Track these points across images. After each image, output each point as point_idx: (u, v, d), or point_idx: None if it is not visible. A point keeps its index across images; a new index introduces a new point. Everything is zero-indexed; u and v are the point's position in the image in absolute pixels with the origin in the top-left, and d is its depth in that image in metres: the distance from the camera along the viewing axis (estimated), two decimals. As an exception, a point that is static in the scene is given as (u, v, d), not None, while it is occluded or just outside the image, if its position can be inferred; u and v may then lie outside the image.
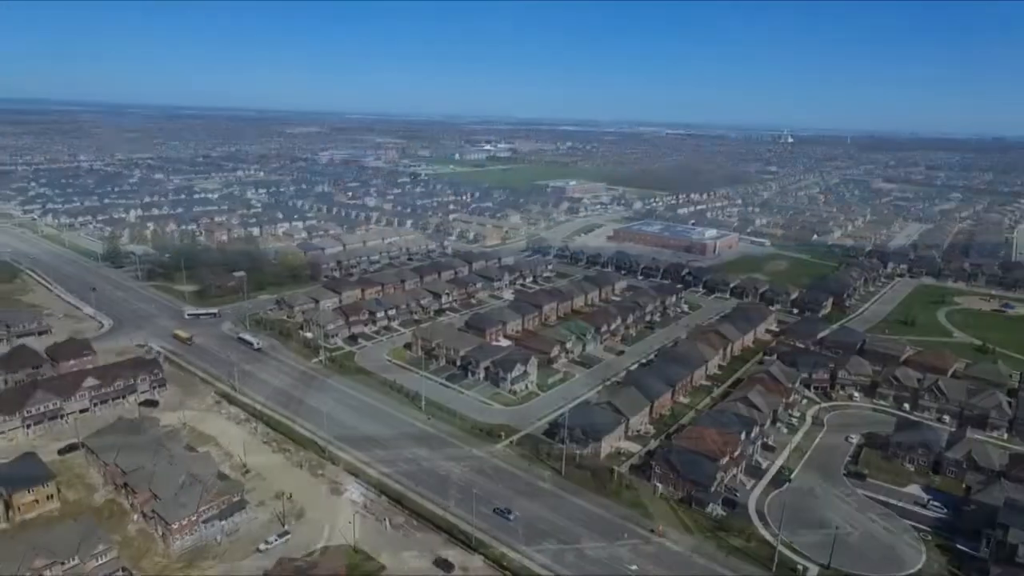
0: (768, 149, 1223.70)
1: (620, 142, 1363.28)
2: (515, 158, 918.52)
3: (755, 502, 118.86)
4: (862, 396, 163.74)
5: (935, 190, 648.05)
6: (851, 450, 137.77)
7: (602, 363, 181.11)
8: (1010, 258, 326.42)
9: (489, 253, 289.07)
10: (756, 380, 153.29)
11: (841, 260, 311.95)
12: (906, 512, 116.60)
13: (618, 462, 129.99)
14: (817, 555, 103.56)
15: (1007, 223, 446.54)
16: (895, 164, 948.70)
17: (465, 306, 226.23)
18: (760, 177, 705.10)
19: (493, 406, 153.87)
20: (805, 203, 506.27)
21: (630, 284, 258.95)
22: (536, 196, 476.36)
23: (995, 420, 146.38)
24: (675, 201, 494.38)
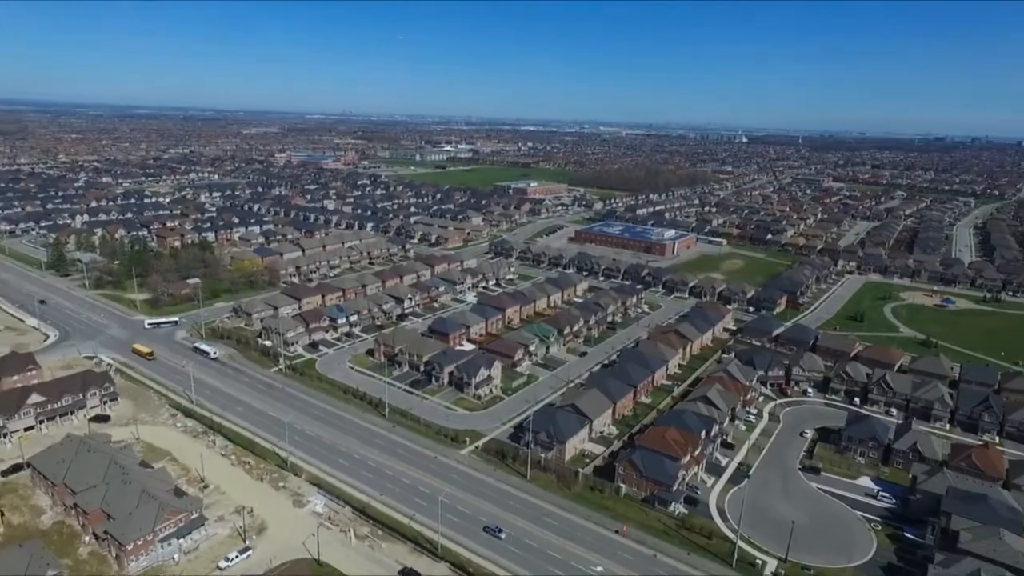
0: (724, 149, 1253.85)
1: (581, 142, 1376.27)
2: (476, 159, 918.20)
3: (715, 499, 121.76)
4: (815, 392, 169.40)
5: (881, 189, 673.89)
6: (806, 445, 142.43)
7: (565, 365, 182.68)
8: (950, 254, 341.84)
9: (451, 256, 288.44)
10: (715, 379, 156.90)
11: (794, 258, 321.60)
12: (858, 503, 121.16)
13: (582, 464, 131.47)
14: (775, 549, 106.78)
15: (947, 220, 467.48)
16: (844, 163, 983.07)
17: (428, 310, 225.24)
18: (716, 177, 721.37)
19: (457, 411, 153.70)
20: (760, 203, 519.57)
21: (592, 285, 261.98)
22: (498, 197, 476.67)
23: (938, 411, 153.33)
24: (635, 202, 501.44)
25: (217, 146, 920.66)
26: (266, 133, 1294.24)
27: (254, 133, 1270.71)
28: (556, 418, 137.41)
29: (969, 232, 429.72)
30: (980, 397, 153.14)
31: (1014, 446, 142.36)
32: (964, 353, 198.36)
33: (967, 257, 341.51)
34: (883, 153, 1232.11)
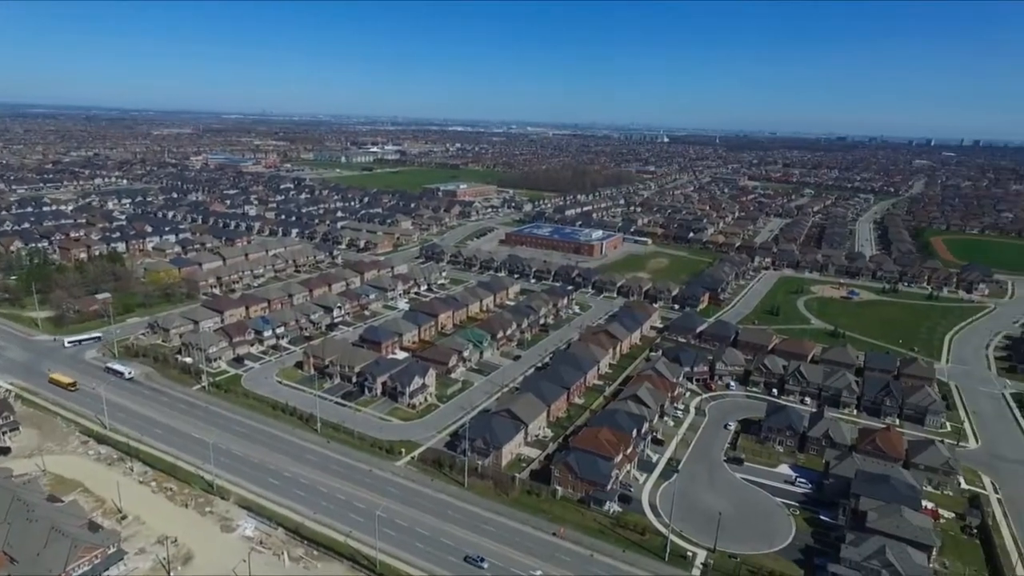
0: (647, 149, 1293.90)
1: (509, 143, 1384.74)
2: (404, 160, 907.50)
3: (648, 495, 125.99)
4: (737, 385, 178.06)
5: (792, 187, 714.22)
6: (730, 437, 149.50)
7: (499, 369, 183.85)
8: (854, 249, 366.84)
9: (381, 262, 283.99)
10: (644, 377, 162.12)
11: (715, 256, 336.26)
12: (778, 490, 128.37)
13: (519, 469, 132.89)
14: (704, 540, 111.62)
15: (850, 216, 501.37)
16: (757, 163, 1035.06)
17: (358, 319, 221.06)
18: (640, 177, 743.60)
19: (392, 422, 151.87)
20: (681, 202, 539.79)
21: (523, 288, 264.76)
22: (427, 200, 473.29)
23: (846, 399, 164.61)
24: (563, 202, 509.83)
25: (125, 148, 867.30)
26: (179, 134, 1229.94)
27: (166, 134, 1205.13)
28: (492, 424, 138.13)
29: (870, 227, 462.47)
30: (882, 383, 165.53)
31: (912, 427, 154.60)
32: (868, 342, 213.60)
33: (868, 251, 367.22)
34: (792, 152, 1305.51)
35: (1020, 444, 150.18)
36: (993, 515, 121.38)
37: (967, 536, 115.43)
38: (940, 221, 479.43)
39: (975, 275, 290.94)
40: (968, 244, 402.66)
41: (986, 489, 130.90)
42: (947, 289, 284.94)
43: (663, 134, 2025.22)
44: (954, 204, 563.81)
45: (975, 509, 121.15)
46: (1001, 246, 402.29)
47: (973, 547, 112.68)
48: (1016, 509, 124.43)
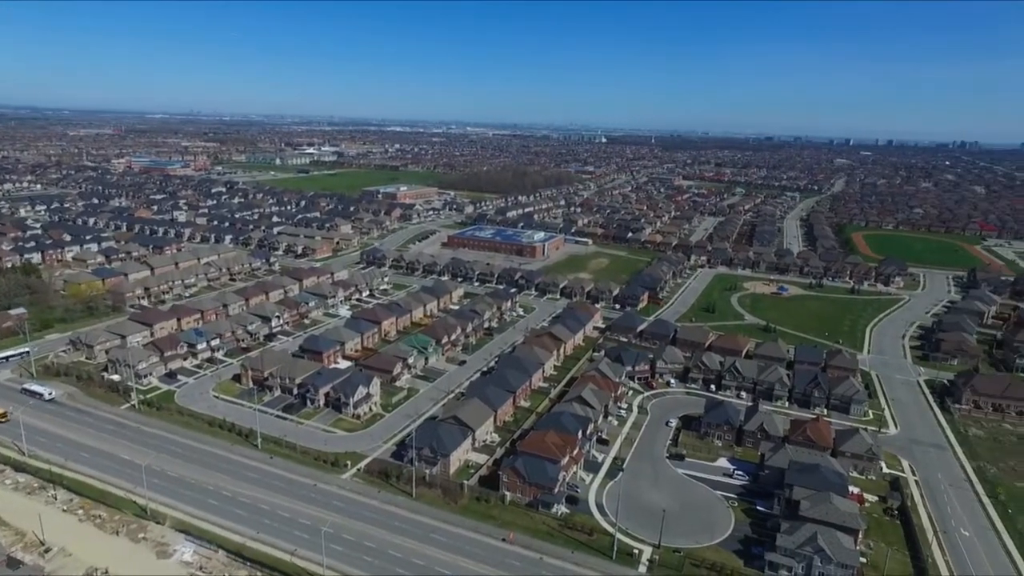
0: (585, 149, 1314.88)
1: (449, 144, 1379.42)
2: (342, 162, 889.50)
3: (594, 495, 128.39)
4: (677, 382, 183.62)
5: (724, 186, 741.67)
6: (671, 433, 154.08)
7: (445, 375, 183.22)
8: (783, 245, 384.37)
9: (320, 268, 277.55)
10: (588, 378, 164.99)
11: (653, 255, 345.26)
12: (718, 484, 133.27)
13: (467, 475, 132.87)
14: (650, 536, 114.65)
15: (779, 214, 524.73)
16: (691, 162, 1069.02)
17: (298, 328, 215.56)
18: (580, 177, 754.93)
19: (336, 433, 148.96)
20: (620, 202, 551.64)
21: (467, 291, 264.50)
22: (367, 203, 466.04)
23: (779, 391, 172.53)
24: (504, 204, 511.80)
25: (38, 150, 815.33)
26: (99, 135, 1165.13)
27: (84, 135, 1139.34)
28: (439, 432, 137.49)
29: (796, 224, 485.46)
30: (811, 376, 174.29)
31: (838, 416, 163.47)
32: (797, 335, 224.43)
33: (796, 247, 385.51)
34: (724, 152, 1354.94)
35: (934, 429, 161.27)
36: (911, 496, 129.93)
37: (889, 517, 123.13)
38: (860, 218, 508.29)
39: (892, 269, 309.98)
40: (885, 239, 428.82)
41: (905, 472, 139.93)
42: (867, 283, 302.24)
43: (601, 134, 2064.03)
44: (871, 201, 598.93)
45: (895, 492, 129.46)
46: (913, 240, 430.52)
47: (894, 528, 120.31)
48: (931, 490, 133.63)
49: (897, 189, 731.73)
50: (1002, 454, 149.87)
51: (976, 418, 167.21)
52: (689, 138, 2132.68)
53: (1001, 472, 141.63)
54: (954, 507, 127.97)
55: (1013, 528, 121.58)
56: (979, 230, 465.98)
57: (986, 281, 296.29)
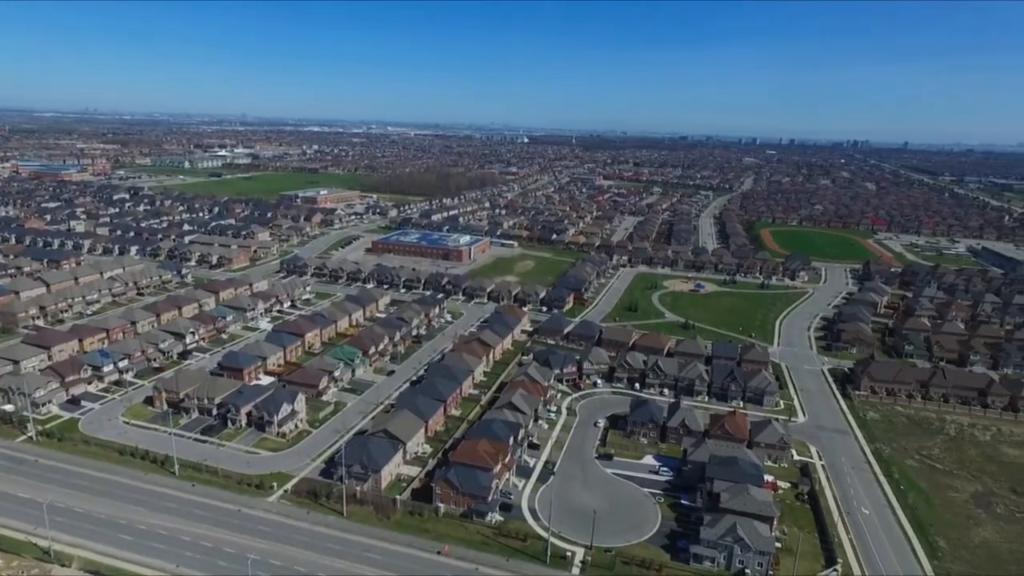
0: (508, 149, 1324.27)
1: (370, 144, 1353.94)
2: (257, 164, 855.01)
3: (527, 501, 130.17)
4: (603, 382, 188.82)
5: (642, 185, 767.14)
6: (599, 434, 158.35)
7: (373, 387, 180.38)
8: (698, 244, 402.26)
9: (238, 279, 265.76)
10: (517, 384, 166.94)
11: (577, 256, 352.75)
12: (645, 481, 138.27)
13: (399, 490, 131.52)
14: (582, 538, 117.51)
15: (694, 212, 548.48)
16: (611, 162, 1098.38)
17: (216, 344, 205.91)
18: (504, 178, 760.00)
19: (261, 454, 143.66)
20: (543, 203, 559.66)
21: (394, 299, 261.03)
22: (285, 208, 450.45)
23: (699, 387, 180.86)
24: (429, 207, 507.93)
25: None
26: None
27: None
28: (369, 446, 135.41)
29: (710, 222, 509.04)
30: (727, 370, 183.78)
31: (753, 408, 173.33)
32: (714, 331, 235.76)
33: (711, 245, 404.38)
34: (642, 152, 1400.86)
35: (837, 415, 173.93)
36: (819, 481, 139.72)
37: (800, 502, 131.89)
38: (767, 215, 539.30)
39: (797, 264, 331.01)
40: (790, 235, 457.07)
41: (813, 458, 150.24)
42: (775, 278, 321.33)
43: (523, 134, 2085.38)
44: (777, 199, 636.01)
45: (805, 478, 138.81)
46: (815, 236, 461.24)
47: (805, 511, 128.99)
48: (835, 473, 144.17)
49: (800, 187, 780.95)
50: (895, 435, 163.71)
51: (873, 402, 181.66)
52: (608, 138, 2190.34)
53: (894, 452, 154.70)
54: (856, 488, 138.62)
55: (905, 503, 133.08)
56: (871, 225, 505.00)
57: (878, 273, 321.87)
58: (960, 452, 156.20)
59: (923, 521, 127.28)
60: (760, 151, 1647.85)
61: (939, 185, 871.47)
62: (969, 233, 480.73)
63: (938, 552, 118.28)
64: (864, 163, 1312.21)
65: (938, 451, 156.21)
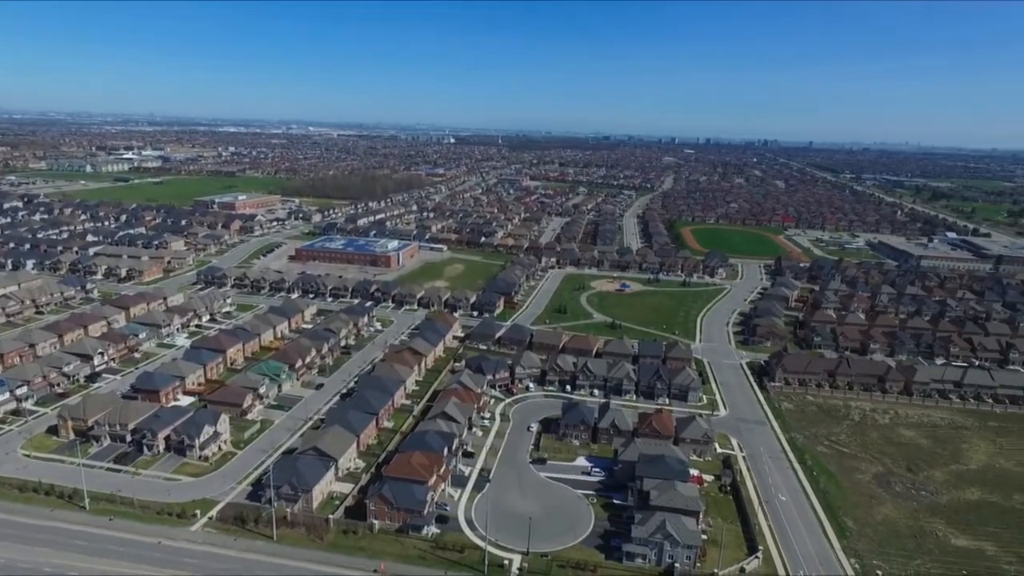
0: (434, 150, 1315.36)
1: (291, 145, 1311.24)
2: (168, 168, 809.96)
3: (463, 511, 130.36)
4: (536, 386, 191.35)
5: (568, 185, 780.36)
6: (533, 438, 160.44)
7: (301, 402, 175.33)
8: (623, 243, 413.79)
9: (150, 293, 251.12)
10: (450, 392, 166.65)
11: (506, 258, 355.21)
12: (578, 483, 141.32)
13: (332, 509, 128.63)
14: (519, 545, 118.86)
15: (618, 212, 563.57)
16: (537, 162, 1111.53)
17: (128, 364, 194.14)
18: (431, 180, 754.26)
19: (181, 480, 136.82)
20: (472, 205, 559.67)
21: (320, 308, 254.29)
22: (201, 215, 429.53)
23: (627, 387, 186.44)
24: (355, 211, 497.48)
25: None
26: None
27: None
28: (298, 465, 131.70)
29: (634, 222, 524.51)
30: (653, 369, 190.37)
31: (678, 405, 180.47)
32: (640, 330, 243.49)
33: (635, 244, 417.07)
34: (567, 152, 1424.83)
35: (755, 407, 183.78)
36: (741, 472, 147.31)
37: (723, 494, 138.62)
38: (687, 213, 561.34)
39: (715, 261, 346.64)
40: (709, 233, 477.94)
41: (734, 450, 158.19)
42: (696, 275, 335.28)
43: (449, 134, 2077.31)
44: (696, 197, 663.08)
45: (728, 470, 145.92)
46: (732, 233, 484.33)
47: (728, 503, 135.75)
48: (755, 463, 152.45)
49: (716, 185, 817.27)
50: (807, 423, 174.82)
51: (787, 393, 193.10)
52: (534, 138, 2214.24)
53: (807, 439, 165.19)
54: (774, 476, 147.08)
55: (817, 488, 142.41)
56: (782, 222, 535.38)
57: (789, 268, 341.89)
58: (863, 436, 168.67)
59: (833, 503, 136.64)
60: (679, 150, 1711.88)
61: (840, 182, 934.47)
62: (867, 228, 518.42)
63: (846, 532, 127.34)
64: (774, 161, 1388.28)
65: (845, 436, 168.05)
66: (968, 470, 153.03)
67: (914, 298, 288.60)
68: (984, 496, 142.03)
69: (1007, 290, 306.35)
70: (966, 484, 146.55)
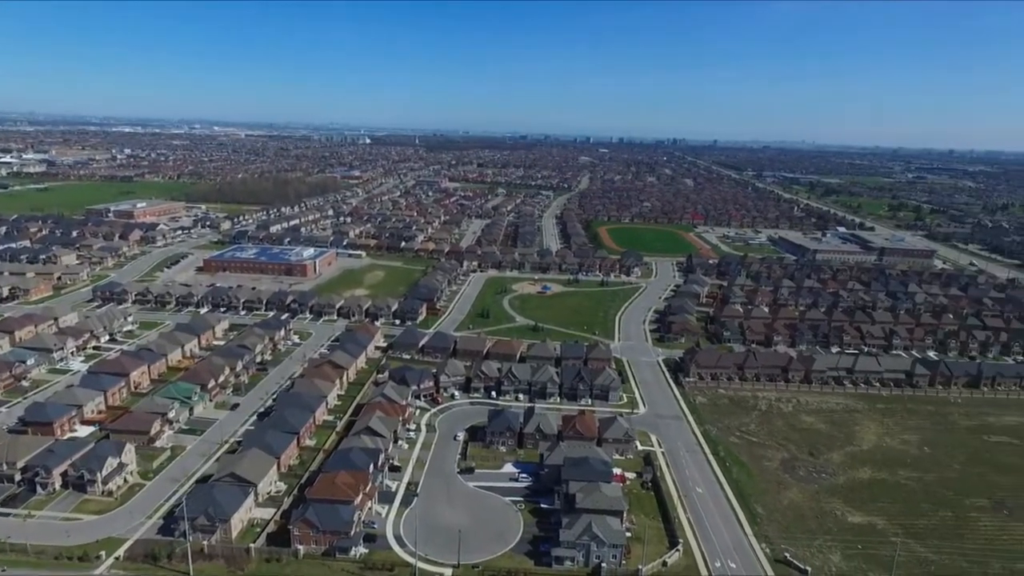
0: (349, 151, 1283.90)
1: (194, 147, 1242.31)
2: (54, 172, 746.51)
3: (392, 527, 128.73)
4: (461, 393, 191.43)
5: (487, 187, 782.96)
6: (459, 448, 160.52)
7: (216, 424, 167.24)
8: (543, 245, 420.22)
9: (38, 313, 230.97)
10: (375, 406, 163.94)
11: (427, 263, 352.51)
12: (506, 490, 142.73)
13: (253, 537, 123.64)
14: (450, 558, 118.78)
15: (537, 213, 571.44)
16: (455, 163, 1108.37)
17: (14, 395, 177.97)
18: (347, 183, 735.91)
19: (83, 519, 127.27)
20: (390, 208, 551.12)
21: (233, 323, 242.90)
22: (95, 226, 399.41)
23: (551, 390, 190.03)
24: (267, 217, 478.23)
25: None
26: None
27: None
28: (214, 494, 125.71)
29: (553, 222, 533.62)
30: (575, 371, 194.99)
31: (600, 405, 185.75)
32: (562, 332, 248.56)
33: (554, 245, 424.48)
34: (485, 152, 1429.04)
35: (671, 402, 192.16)
36: (661, 468, 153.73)
37: (645, 490, 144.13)
38: (603, 213, 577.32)
39: (631, 260, 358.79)
40: (624, 232, 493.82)
41: (654, 446, 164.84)
42: (613, 275, 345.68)
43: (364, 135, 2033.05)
44: (611, 197, 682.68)
45: (648, 466, 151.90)
46: (645, 232, 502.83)
47: (649, 498, 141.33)
48: (673, 458, 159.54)
49: (630, 184, 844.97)
50: (719, 416, 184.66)
51: (701, 387, 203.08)
52: (451, 138, 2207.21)
53: (720, 431, 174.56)
54: (691, 470, 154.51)
55: (730, 478, 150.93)
56: (691, 219, 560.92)
57: (699, 265, 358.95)
58: (770, 424, 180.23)
59: (745, 492, 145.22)
60: (594, 149, 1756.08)
61: (743, 180, 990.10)
62: (768, 224, 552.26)
63: (757, 518, 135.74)
64: (683, 160, 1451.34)
65: (753, 426, 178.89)
66: (861, 451, 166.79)
67: (811, 290, 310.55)
68: (875, 474, 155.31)
69: (889, 280, 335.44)
70: (859, 464, 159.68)
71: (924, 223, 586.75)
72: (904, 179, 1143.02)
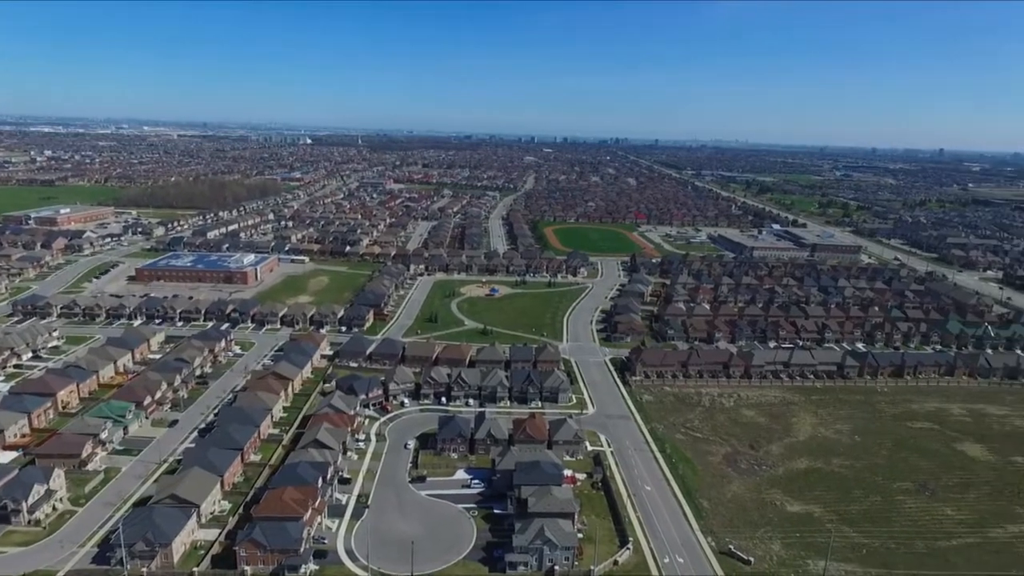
0: (290, 152, 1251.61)
1: (122, 148, 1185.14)
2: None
3: (343, 541, 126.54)
4: (410, 400, 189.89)
5: (432, 188, 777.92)
6: (410, 456, 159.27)
7: (153, 443, 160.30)
8: (490, 247, 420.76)
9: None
10: (322, 417, 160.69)
11: (373, 267, 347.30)
12: (459, 497, 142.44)
13: (197, 560, 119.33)
14: (403, 569, 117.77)
15: (483, 214, 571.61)
16: (400, 164, 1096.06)
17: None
18: (288, 185, 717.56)
19: (7, 552, 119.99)
20: (333, 211, 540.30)
21: (169, 335, 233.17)
22: (13, 234, 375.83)
23: (501, 394, 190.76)
24: (204, 222, 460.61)
25: None
26: None
27: None
28: (153, 517, 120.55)
29: (499, 224, 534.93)
30: (524, 374, 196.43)
31: (550, 407, 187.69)
32: (510, 334, 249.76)
33: (502, 247, 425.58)
34: (429, 152, 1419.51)
35: (619, 402, 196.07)
36: (610, 467, 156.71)
37: (595, 491, 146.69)
38: (549, 213, 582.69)
39: (577, 260, 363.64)
40: (570, 232, 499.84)
41: (603, 446, 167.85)
42: (560, 275, 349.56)
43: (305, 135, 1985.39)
44: (556, 197, 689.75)
45: (598, 467, 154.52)
46: (590, 231, 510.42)
47: (600, 498, 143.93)
48: (622, 457, 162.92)
49: (574, 184, 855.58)
50: (665, 413, 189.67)
51: (647, 386, 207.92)
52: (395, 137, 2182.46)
53: (666, 429, 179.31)
54: (639, 468, 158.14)
55: (676, 474, 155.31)
56: (635, 219, 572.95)
57: (643, 264, 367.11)
58: (713, 420, 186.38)
59: (690, 487, 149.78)
60: (539, 149, 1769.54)
61: (683, 179, 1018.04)
62: (708, 222, 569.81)
63: (702, 513, 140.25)
64: (625, 159, 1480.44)
65: (698, 422, 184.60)
66: (798, 442, 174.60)
67: (749, 287, 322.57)
68: (811, 464, 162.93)
69: (821, 275, 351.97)
70: (797, 455, 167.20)
71: (851, 219, 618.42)
72: (832, 177, 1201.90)
